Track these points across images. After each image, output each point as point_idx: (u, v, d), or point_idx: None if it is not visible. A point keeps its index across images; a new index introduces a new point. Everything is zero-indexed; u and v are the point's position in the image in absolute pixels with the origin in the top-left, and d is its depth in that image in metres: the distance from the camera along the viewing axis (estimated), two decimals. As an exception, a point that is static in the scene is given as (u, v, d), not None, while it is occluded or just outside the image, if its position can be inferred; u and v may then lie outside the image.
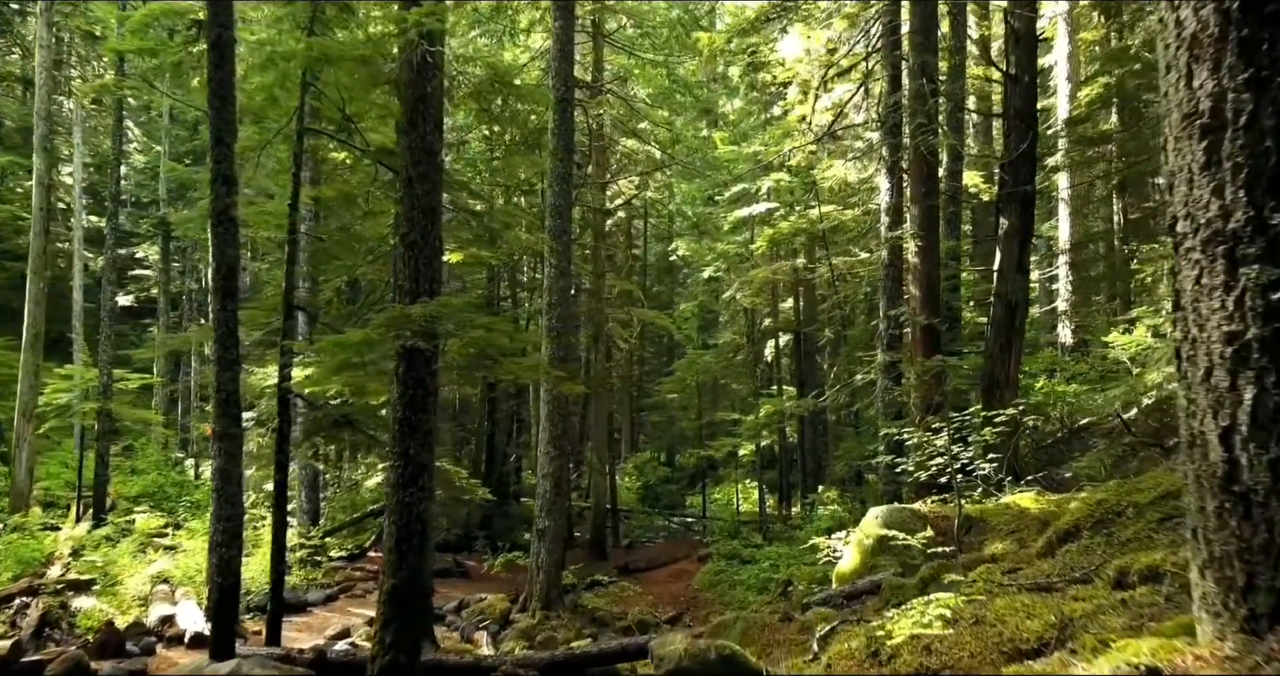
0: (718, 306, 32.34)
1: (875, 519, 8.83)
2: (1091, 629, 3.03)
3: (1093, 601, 3.41)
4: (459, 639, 13.06)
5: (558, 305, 14.54)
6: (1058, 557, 5.27)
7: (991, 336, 12.72)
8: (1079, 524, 5.68)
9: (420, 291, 6.94)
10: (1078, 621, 3.16)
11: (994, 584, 4.65)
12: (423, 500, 6.92)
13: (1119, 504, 5.56)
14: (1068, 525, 5.74)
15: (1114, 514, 5.52)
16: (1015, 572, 4.97)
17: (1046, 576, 4.54)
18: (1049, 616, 3.30)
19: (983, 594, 4.23)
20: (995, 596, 4.09)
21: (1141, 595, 3.23)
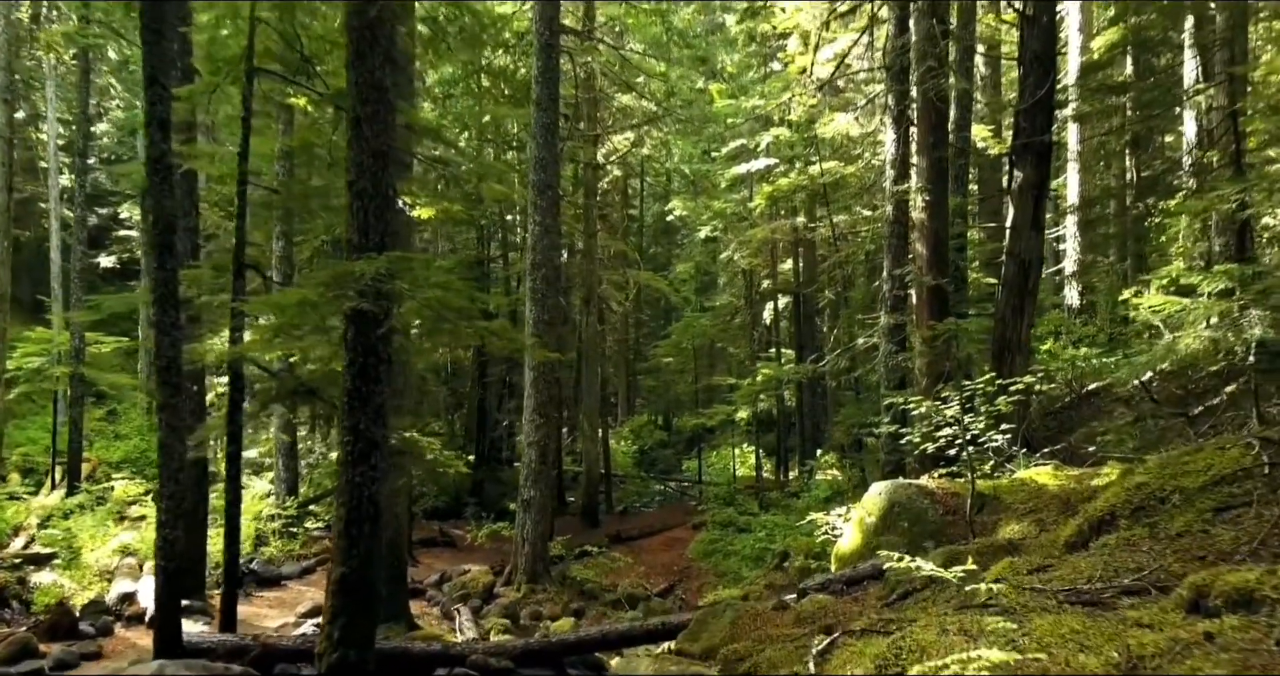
0: (715, 268, 31.51)
1: (879, 495, 8.14)
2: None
3: (1163, 630, 2.69)
4: (439, 614, 12.47)
5: (542, 265, 13.74)
6: (1093, 552, 4.55)
7: (1003, 298, 11.93)
8: (1114, 510, 4.96)
9: (370, 246, 6.15)
10: (1150, 662, 2.44)
11: (1023, 588, 3.94)
12: (374, 480, 6.20)
13: (1162, 488, 4.83)
14: (1102, 511, 5.02)
15: (1156, 500, 4.79)
16: (1046, 572, 4.25)
17: (1088, 580, 3.82)
18: (1109, 651, 2.58)
19: (1013, 603, 3.51)
20: (1030, 610, 3.37)
21: (1233, 629, 2.51)
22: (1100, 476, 7.36)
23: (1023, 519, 6.98)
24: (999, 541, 6.30)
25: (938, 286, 11.81)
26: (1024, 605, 3.44)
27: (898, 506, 7.85)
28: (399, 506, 10.81)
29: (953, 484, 8.06)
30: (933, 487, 7.94)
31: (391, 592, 10.75)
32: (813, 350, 22.91)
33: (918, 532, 7.61)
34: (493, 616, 12.33)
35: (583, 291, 21.38)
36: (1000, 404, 7.91)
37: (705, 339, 28.90)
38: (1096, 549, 4.58)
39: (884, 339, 12.39)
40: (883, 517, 7.94)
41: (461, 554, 16.17)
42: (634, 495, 27.44)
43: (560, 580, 14.46)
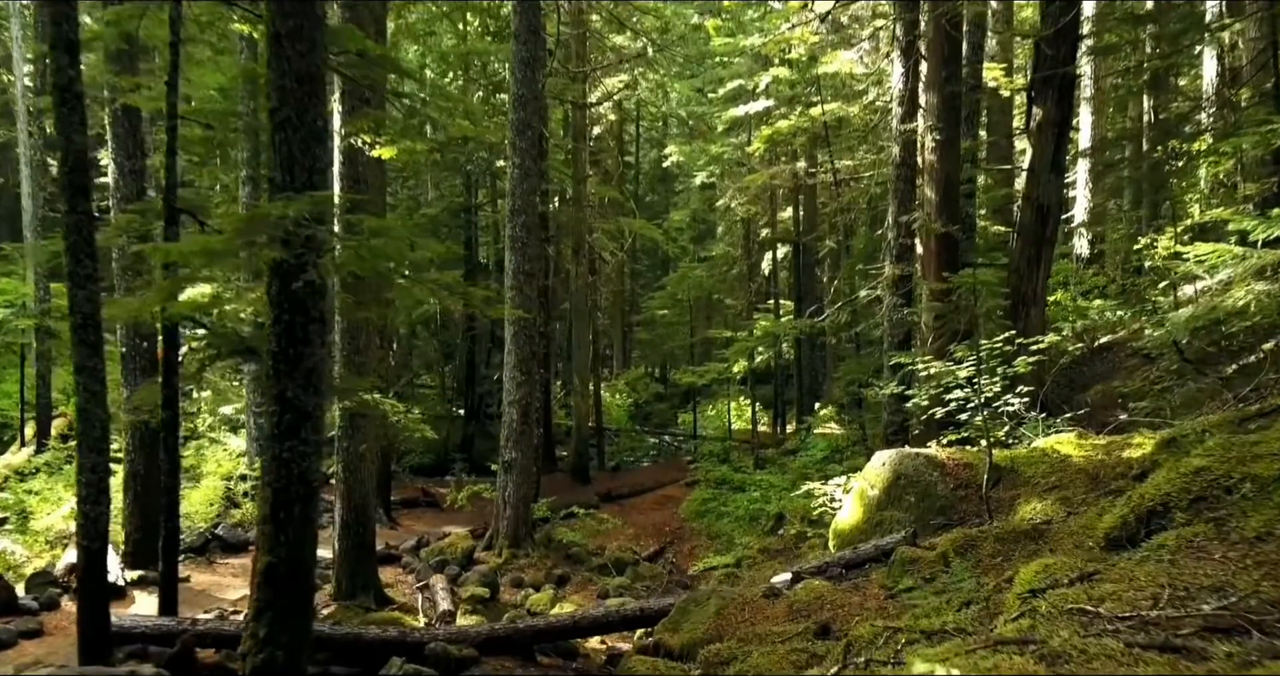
0: (713, 216, 30.46)
1: (882, 466, 7.35)
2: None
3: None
4: (414, 582, 11.80)
5: (522, 211, 12.80)
6: (1147, 555, 3.75)
7: (1018, 247, 11.04)
8: (1168, 500, 4.15)
9: (295, 185, 5.25)
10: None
11: (1069, 612, 3.14)
12: (306, 455, 5.39)
13: (1228, 475, 4.02)
14: (1153, 500, 4.21)
15: (1221, 489, 3.99)
16: (1093, 584, 3.44)
17: (1154, 602, 3.01)
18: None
19: (1063, 645, 2.70)
20: (1089, 657, 2.56)
21: None
22: (1132, 446, 6.56)
23: (1045, 496, 6.20)
24: (1021, 525, 5.52)
25: (948, 234, 10.90)
26: (1077, 648, 2.63)
27: (903, 479, 7.07)
28: (365, 471, 10.05)
29: (964, 453, 7.26)
30: (942, 458, 7.15)
31: (358, 563, 10.07)
32: (812, 302, 22.05)
33: (925, 508, 6.85)
34: (470, 585, 11.65)
35: (572, 240, 20.42)
36: (1019, 365, 7.08)
37: (702, 291, 28.00)
38: (1151, 551, 3.77)
39: (888, 291, 11.52)
40: (887, 490, 7.17)
41: (444, 515, 15.51)
42: (628, 450, 26.81)
43: (545, 543, 13.80)
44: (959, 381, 7.32)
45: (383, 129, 9.20)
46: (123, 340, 10.76)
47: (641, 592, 12.44)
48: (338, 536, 10.05)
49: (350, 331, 9.86)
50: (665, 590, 12.72)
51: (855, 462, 14.82)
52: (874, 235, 21.00)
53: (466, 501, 14.05)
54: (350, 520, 9.95)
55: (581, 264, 20.10)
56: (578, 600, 11.85)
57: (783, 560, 12.41)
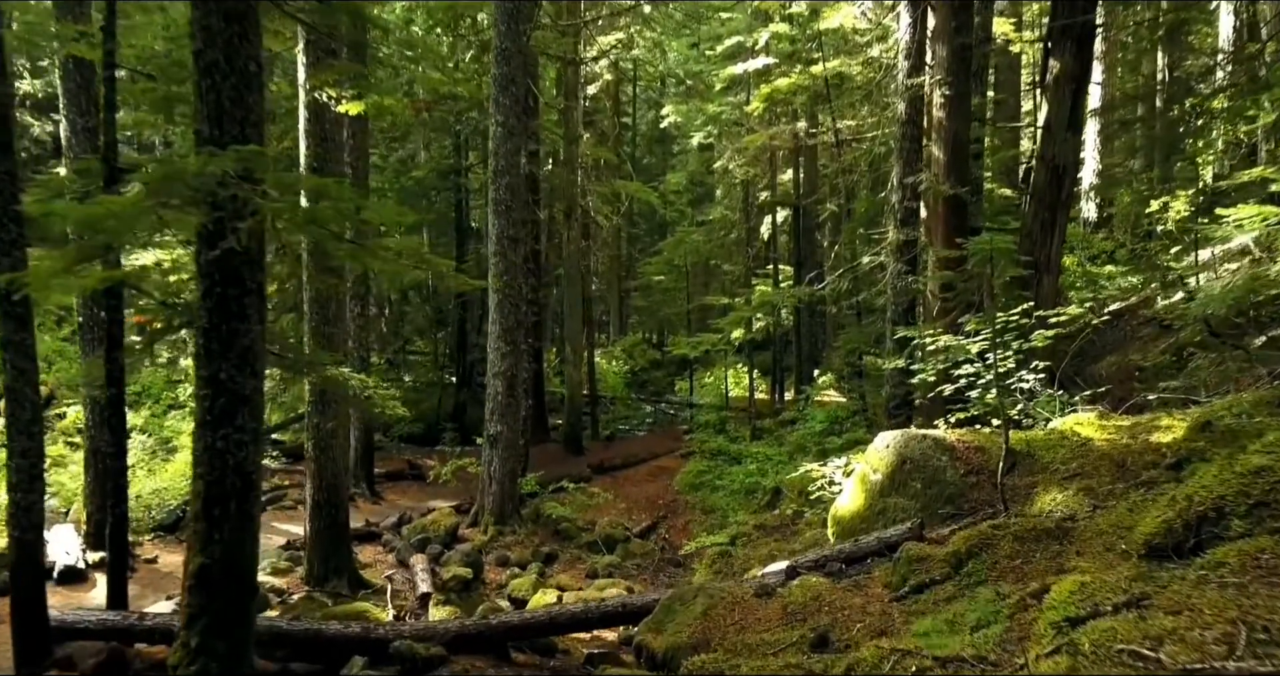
0: (711, 178, 29.66)
1: (886, 448, 6.78)
2: None
3: None
4: (394, 562, 11.32)
5: (506, 172, 12.11)
6: (1204, 574, 3.17)
7: (1030, 210, 10.40)
8: (1223, 504, 3.57)
9: (224, 139, 4.61)
10: None
11: (1119, 654, 2.57)
12: (243, 444, 4.81)
13: (1294, 476, 3.44)
14: (1204, 504, 3.63)
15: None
16: (1144, 613, 2.88)
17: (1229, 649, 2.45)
18: None
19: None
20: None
21: None
22: (1160, 429, 5.98)
23: (1065, 485, 5.63)
24: (1042, 522, 4.95)
25: (956, 197, 10.24)
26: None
27: (909, 463, 6.51)
28: (337, 449, 9.50)
29: (975, 435, 6.68)
30: (951, 440, 6.58)
31: (331, 545, 9.56)
32: (812, 267, 21.41)
33: (933, 496, 6.29)
34: (453, 564, 11.16)
35: (563, 203, 19.71)
36: (1036, 339, 6.47)
37: (699, 256, 27.30)
38: (1208, 569, 3.20)
39: (892, 257, 10.88)
40: (890, 475, 6.60)
41: (430, 489, 15.01)
42: (623, 419, 26.32)
43: (533, 519, 13.31)
44: (970, 356, 6.72)
45: (350, 83, 8.50)
46: (80, 310, 10.15)
47: (632, 572, 11.98)
48: (309, 517, 9.53)
49: (319, 301, 9.25)
50: (657, 568, 12.26)
51: (855, 434, 14.30)
52: (876, 198, 20.28)
53: (451, 476, 13.53)
54: (322, 500, 9.42)
55: (574, 228, 19.42)
56: (565, 579, 11.38)
57: (779, 538, 11.93)
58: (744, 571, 10.79)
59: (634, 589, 10.54)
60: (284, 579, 9.63)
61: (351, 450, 14.80)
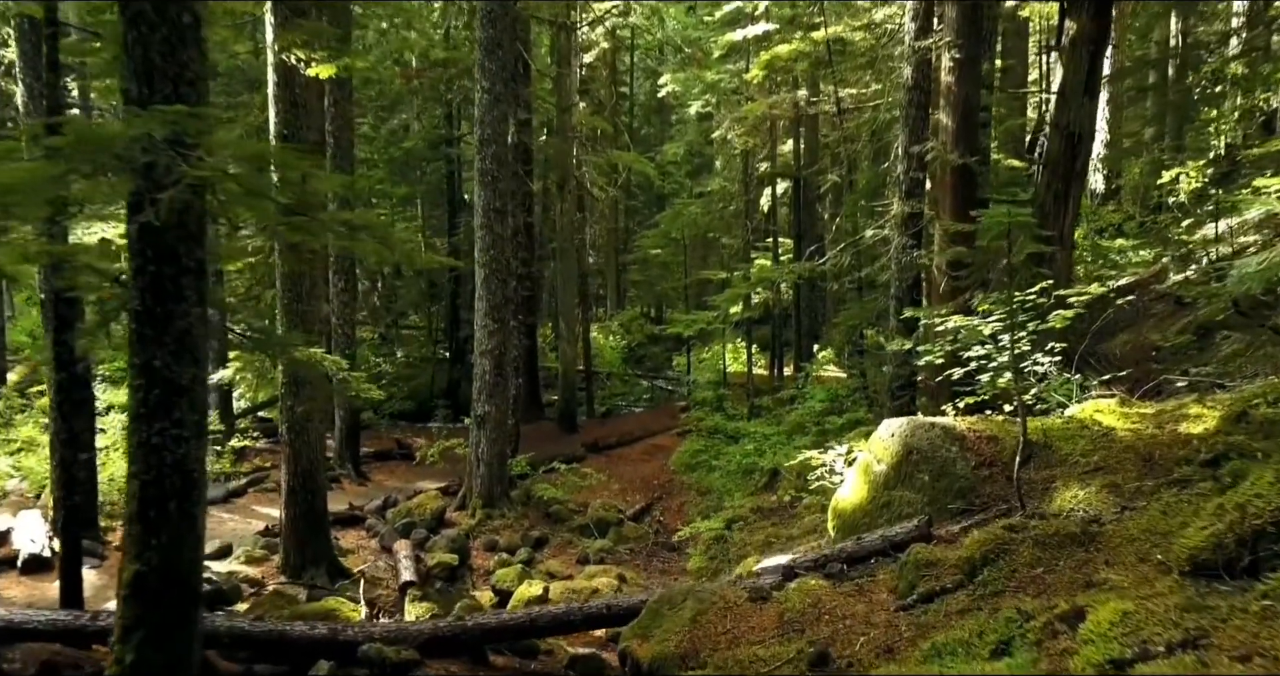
0: (710, 149, 28.99)
1: (891, 437, 6.32)
2: None
3: None
4: (378, 548, 10.93)
5: (492, 141, 11.55)
6: (1264, 600, 2.72)
7: (1043, 180, 9.86)
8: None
9: (155, 99, 4.10)
10: None
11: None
12: (182, 440, 4.34)
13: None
14: (1259, 516, 3.17)
15: (1361, 506, 2.94)
16: (1200, 653, 2.43)
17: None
18: None
19: None
20: None
21: None
22: (1189, 418, 5.52)
23: (1087, 480, 5.17)
24: (1064, 524, 4.49)
25: (965, 167, 9.70)
26: None
27: (916, 454, 6.05)
28: (313, 432, 9.05)
29: (987, 423, 6.22)
30: (962, 429, 6.11)
31: (308, 533, 9.14)
32: (813, 240, 20.88)
33: (942, 489, 5.83)
34: (438, 550, 10.78)
35: (556, 174, 19.12)
36: (1055, 320, 5.99)
37: (697, 229, 26.69)
38: (1275, 596, 2.73)
39: (896, 231, 10.36)
40: (896, 467, 6.15)
41: (418, 469, 14.59)
42: (619, 395, 25.90)
43: (523, 500, 12.91)
44: (982, 338, 6.24)
45: (321, 44, 7.95)
46: (41, 286, 9.64)
47: (624, 556, 11.59)
48: (284, 503, 9.11)
49: (291, 277, 8.75)
50: (650, 553, 11.87)
51: (856, 414, 13.86)
52: (879, 169, 19.69)
53: (439, 457, 13.10)
54: (297, 486, 8.99)
55: (567, 200, 18.85)
56: (555, 565, 11.00)
57: (776, 522, 11.53)
58: (740, 558, 10.40)
59: (625, 577, 10.16)
60: (259, 568, 9.22)
61: (336, 429, 14.39)
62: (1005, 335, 6.12)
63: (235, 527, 11.11)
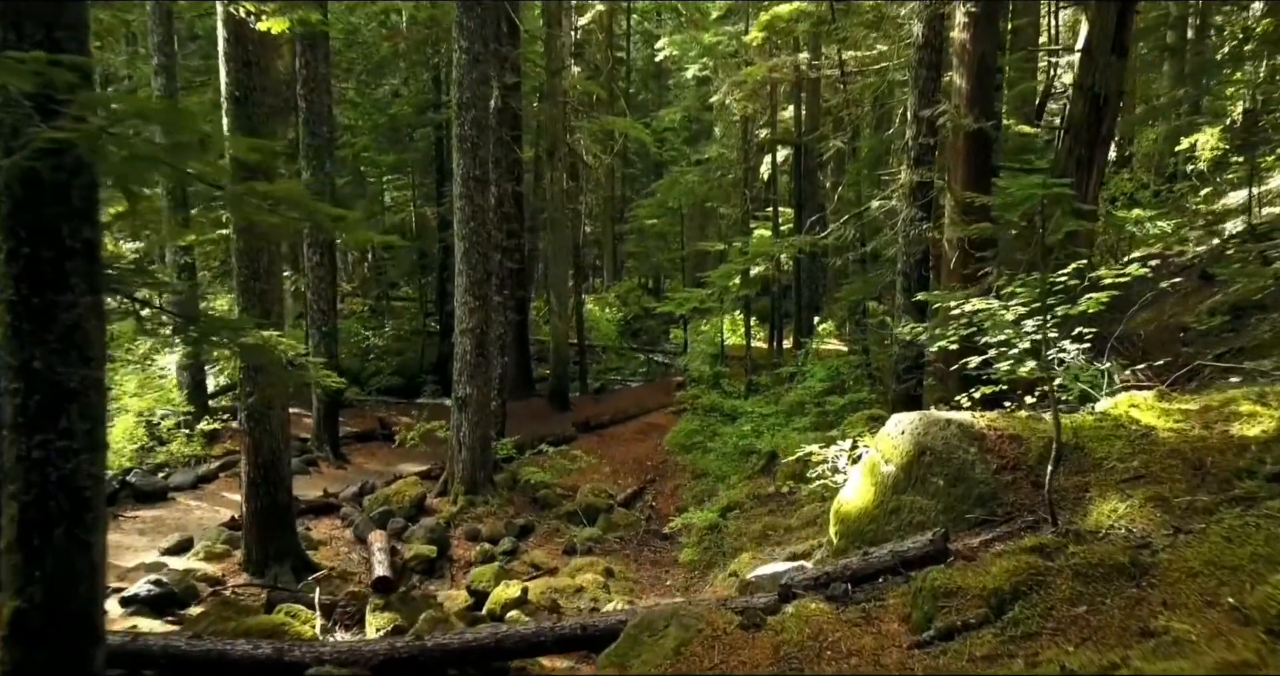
0: (708, 115, 28.07)
1: (901, 434, 5.66)
2: None
3: None
4: (352, 539, 10.33)
5: (471, 105, 10.77)
6: None
7: (1064, 146, 9.13)
8: None
9: (23, 42, 3.39)
10: None
11: None
12: (71, 453, 3.68)
13: None
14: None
15: None
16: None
17: None
18: None
19: None
20: None
21: None
22: (1241, 417, 4.85)
23: (1128, 491, 4.52)
24: (1107, 551, 3.84)
25: (980, 132, 8.94)
26: None
27: (929, 454, 5.39)
28: (275, 420, 8.40)
29: (1009, 421, 5.55)
30: (981, 427, 5.45)
31: (270, 527, 8.52)
32: (814, 209, 20.11)
33: (959, 496, 5.18)
34: (416, 541, 10.20)
35: (547, 141, 18.30)
36: (1087, 304, 5.30)
37: (694, 197, 25.88)
38: None
39: (904, 201, 9.62)
40: (906, 468, 5.49)
41: (401, 451, 13.96)
42: (614, 370, 25.29)
43: (509, 485, 12.31)
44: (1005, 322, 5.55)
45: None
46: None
47: (614, 545, 11.01)
48: (244, 497, 8.49)
49: (247, 254, 8.06)
50: (641, 542, 11.28)
51: (858, 394, 13.21)
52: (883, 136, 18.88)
53: (420, 441, 12.48)
54: (258, 478, 8.36)
55: (558, 168, 18.04)
56: (540, 555, 10.40)
57: (773, 510, 10.92)
58: (734, 552, 9.80)
59: (613, 570, 9.57)
60: (219, 564, 8.62)
61: (314, 410, 13.76)
62: (1032, 321, 5.44)
63: (202, 517, 10.51)
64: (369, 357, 22.94)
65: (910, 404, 9.74)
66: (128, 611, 7.02)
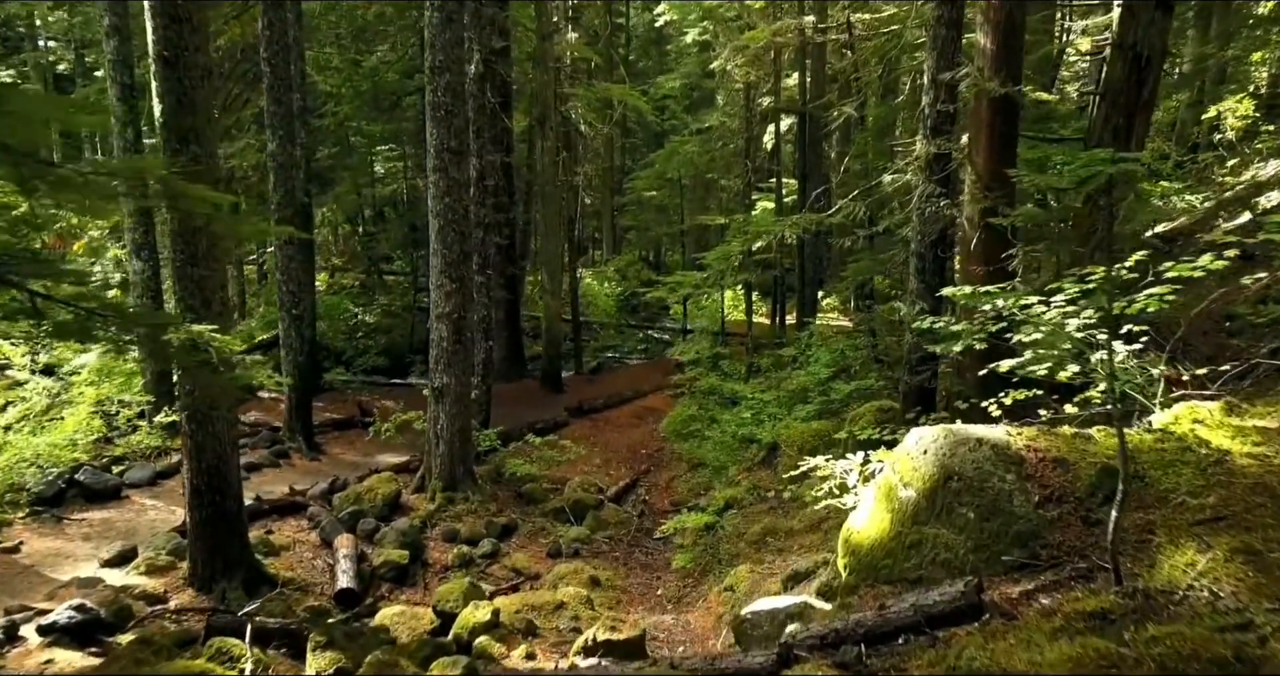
0: (709, 83, 26.96)
1: (923, 453, 4.81)
2: None
3: None
4: (318, 542, 9.55)
5: (445, 69, 9.83)
6: None
7: (1099, 114, 8.19)
8: None
9: None
10: None
11: None
12: None
13: None
14: None
15: None
16: None
17: None
18: None
19: None
20: None
21: None
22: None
23: (1205, 537, 3.68)
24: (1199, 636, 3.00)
25: (1007, 98, 8.00)
26: None
27: (957, 480, 4.55)
28: (220, 421, 7.57)
29: (1052, 440, 4.70)
30: (1019, 448, 4.60)
31: (218, 538, 7.73)
32: (819, 181, 19.13)
33: (993, 533, 4.35)
34: (388, 545, 9.42)
35: (536, 108, 17.31)
36: (1146, 301, 4.43)
37: (694, 168, 24.88)
38: None
39: (920, 175, 8.69)
40: (929, 494, 4.66)
41: (380, 442, 13.09)
42: (612, 347, 24.46)
43: (492, 478, 11.53)
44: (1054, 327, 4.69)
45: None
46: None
47: (602, 547, 10.24)
48: (188, 506, 7.69)
49: (183, 236, 7.19)
50: (632, 542, 10.49)
51: (866, 381, 12.36)
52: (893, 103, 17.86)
53: (396, 431, 11.67)
54: (202, 484, 7.55)
55: (549, 138, 17.07)
56: (522, 559, 9.65)
57: (774, 508, 10.13)
58: (731, 559, 9.00)
59: (600, 579, 8.81)
60: (162, 579, 7.83)
61: (286, 397, 12.95)
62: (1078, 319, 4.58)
63: (155, 519, 9.73)
64: (356, 336, 22.09)
65: (924, 398, 8.90)
66: (46, 641, 6.23)
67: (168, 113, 7.08)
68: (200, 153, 7.15)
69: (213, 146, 7.32)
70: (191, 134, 7.16)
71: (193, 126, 7.17)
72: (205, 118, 7.29)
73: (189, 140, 7.13)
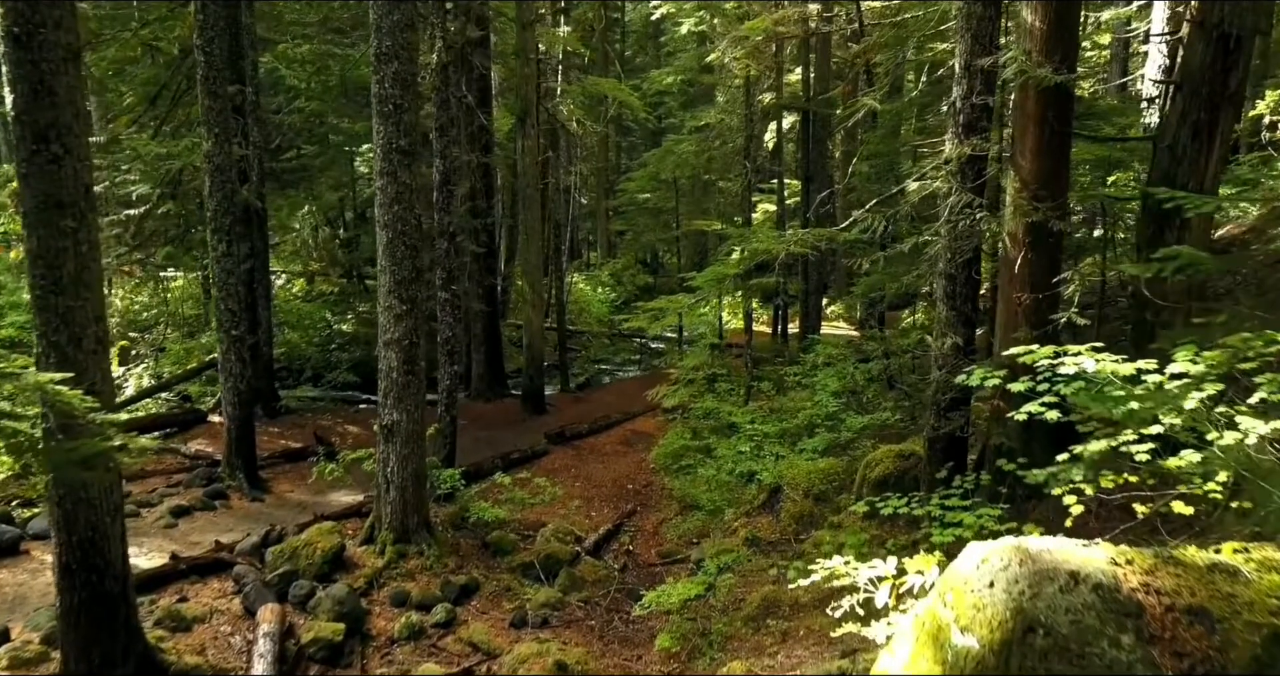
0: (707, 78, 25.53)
1: (988, 586, 3.37)
2: None
3: None
4: (240, 611, 8.12)
5: (393, 56, 8.42)
6: None
7: (1174, 107, 6.76)
8: None
9: None
10: None
11: None
12: None
13: None
14: None
15: None
16: None
17: None
18: None
19: None
20: None
21: None
22: None
23: None
24: None
25: (1060, 88, 6.58)
26: None
27: (1044, 636, 3.12)
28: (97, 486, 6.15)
29: (1178, 574, 3.24)
30: (1132, 586, 3.17)
31: (98, 624, 6.31)
32: (823, 182, 17.74)
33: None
34: (322, 615, 8.02)
35: (517, 105, 15.88)
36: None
37: (691, 169, 23.43)
38: None
39: (952, 182, 7.26)
40: (1000, 651, 3.22)
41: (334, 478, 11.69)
42: (603, 360, 23.06)
43: (455, 523, 10.12)
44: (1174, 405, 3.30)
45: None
46: None
47: (576, 613, 8.80)
48: (57, 587, 6.27)
49: (44, 258, 5.78)
50: (610, 608, 9.03)
51: (880, 416, 10.97)
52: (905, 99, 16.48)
53: (344, 472, 10.26)
54: (73, 562, 6.14)
55: (530, 137, 15.63)
56: (479, 630, 8.25)
57: (776, 563, 8.72)
58: (724, 642, 7.60)
59: (566, 664, 7.38)
60: (32, 672, 6.43)
61: (225, 428, 11.53)
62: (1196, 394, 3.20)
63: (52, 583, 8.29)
64: (330, 348, 20.68)
65: (954, 449, 7.48)
66: None
67: (21, 104, 5.68)
68: (62, 153, 5.75)
69: (82, 145, 5.90)
70: (52, 130, 5.76)
71: (54, 121, 5.77)
72: (73, 111, 5.89)
73: (48, 138, 5.73)
